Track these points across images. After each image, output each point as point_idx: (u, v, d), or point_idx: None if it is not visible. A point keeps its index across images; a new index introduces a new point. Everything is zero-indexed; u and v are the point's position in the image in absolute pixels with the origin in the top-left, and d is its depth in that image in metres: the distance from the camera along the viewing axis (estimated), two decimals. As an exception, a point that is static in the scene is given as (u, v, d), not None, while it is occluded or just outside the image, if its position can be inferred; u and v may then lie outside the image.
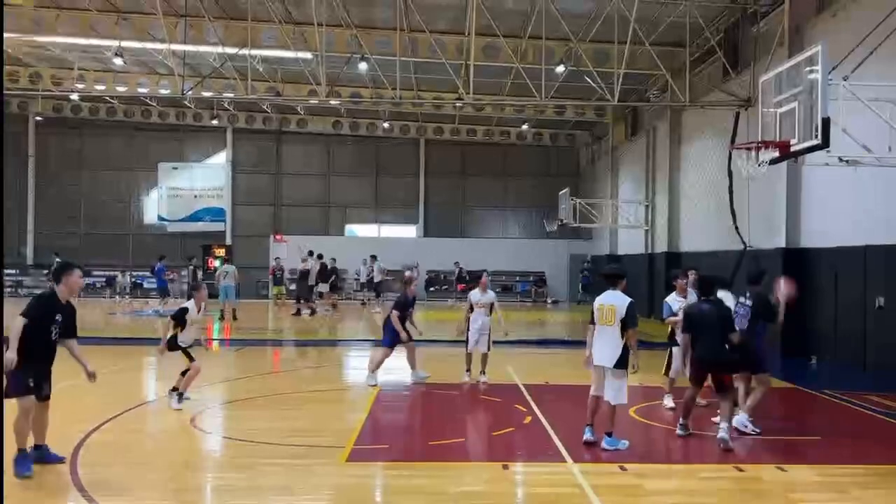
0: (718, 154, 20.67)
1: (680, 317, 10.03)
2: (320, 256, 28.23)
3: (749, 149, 12.43)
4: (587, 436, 8.56)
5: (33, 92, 30.43)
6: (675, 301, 10.88)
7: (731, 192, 18.89)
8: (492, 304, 13.02)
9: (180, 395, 10.44)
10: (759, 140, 12.08)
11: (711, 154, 21.63)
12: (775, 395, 12.64)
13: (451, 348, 15.37)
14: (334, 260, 29.38)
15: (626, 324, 8.47)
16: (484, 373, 12.83)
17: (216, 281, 24.33)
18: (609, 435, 8.45)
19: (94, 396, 11.16)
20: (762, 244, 17.91)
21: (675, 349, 11.01)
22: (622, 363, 8.47)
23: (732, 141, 18.12)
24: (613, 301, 8.61)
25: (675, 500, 6.83)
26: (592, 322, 8.76)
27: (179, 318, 10.58)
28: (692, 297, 10.41)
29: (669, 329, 11.18)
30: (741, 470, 7.73)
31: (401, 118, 37.21)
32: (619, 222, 30.13)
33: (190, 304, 10.76)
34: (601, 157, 35.17)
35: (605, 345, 8.52)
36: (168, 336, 10.63)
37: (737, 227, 18.80)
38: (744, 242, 18.59)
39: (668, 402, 11.21)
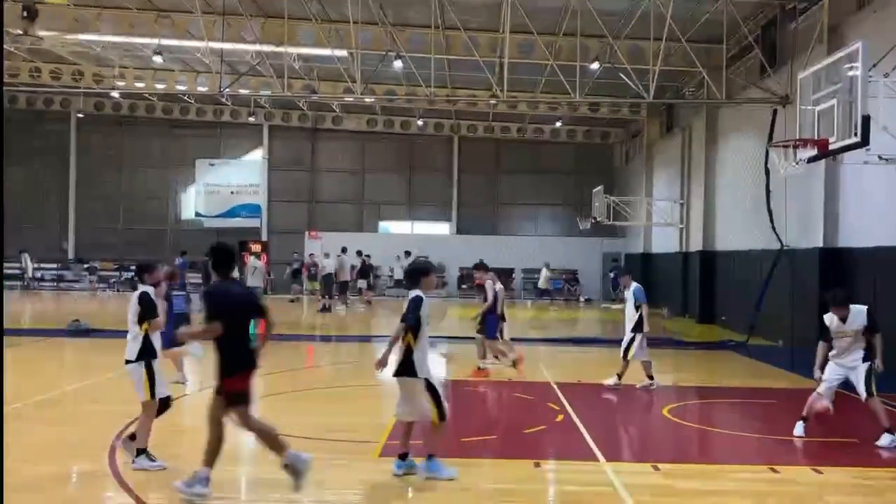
0: (755, 152, 20.42)
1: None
2: (344, 250, 28.48)
3: (787, 147, 12.34)
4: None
5: (76, 89, 31.01)
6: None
7: (767, 191, 18.65)
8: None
9: (141, 452, 7.43)
10: (797, 138, 11.97)
11: (748, 152, 21.38)
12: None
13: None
14: (369, 256, 29.61)
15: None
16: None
17: (245, 277, 24.57)
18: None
19: (133, 390, 11.40)
20: (799, 244, 17.68)
21: (638, 336, 12.18)
22: None
23: (770, 139, 17.90)
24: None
25: (708, 500, 6.80)
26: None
27: (147, 307, 7.95)
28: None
29: (638, 316, 12.24)
30: (776, 471, 7.66)
31: (435, 115, 37.29)
32: (653, 220, 29.90)
33: (148, 289, 8.26)
34: (635, 155, 34.93)
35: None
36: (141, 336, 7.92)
37: (773, 227, 18.58)
38: (781, 242, 18.37)
39: (611, 381, 12.28)
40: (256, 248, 35.64)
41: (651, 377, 12.46)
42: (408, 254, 30.19)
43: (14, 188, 36.78)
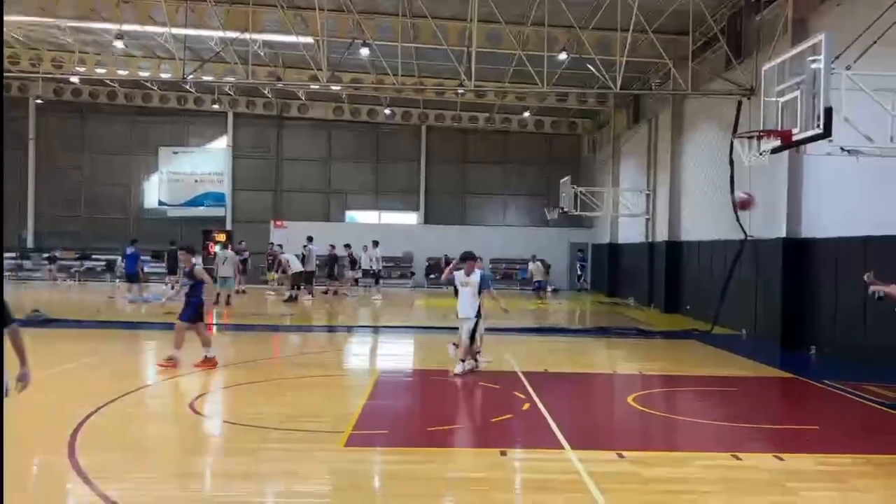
0: (720, 143, 20.62)
1: None
2: (310, 240, 28.37)
3: (751, 138, 12.41)
4: None
5: (34, 74, 30.29)
6: None
7: (732, 182, 18.85)
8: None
9: None
10: (761, 129, 12.06)
11: (713, 143, 21.59)
12: (775, 385, 12.70)
13: (450, 335, 15.37)
14: (333, 247, 29.46)
15: None
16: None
17: (215, 267, 24.24)
18: None
19: (93, 380, 11.23)
20: (763, 234, 17.90)
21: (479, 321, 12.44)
22: None
23: (734, 130, 18.05)
24: None
25: (673, 487, 6.84)
26: None
27: None
28: None
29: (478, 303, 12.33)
30: (739, 458, 7.74)
31: (402, 104, 37.12)
32: (619, 211, 30.09)
33: None
34: (602, 146, 35.11)
35: None
36: None
37: (738, 217, 18.78)
38: (744, 232, 18.58)
39: (459, 368, 12.19)
40: (221, 237, 35.27)
41: (475, 359, 12.56)
42: (375, 243, 30.05)
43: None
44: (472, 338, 12.38)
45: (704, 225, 22.28)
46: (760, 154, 12.20)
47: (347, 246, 29.86)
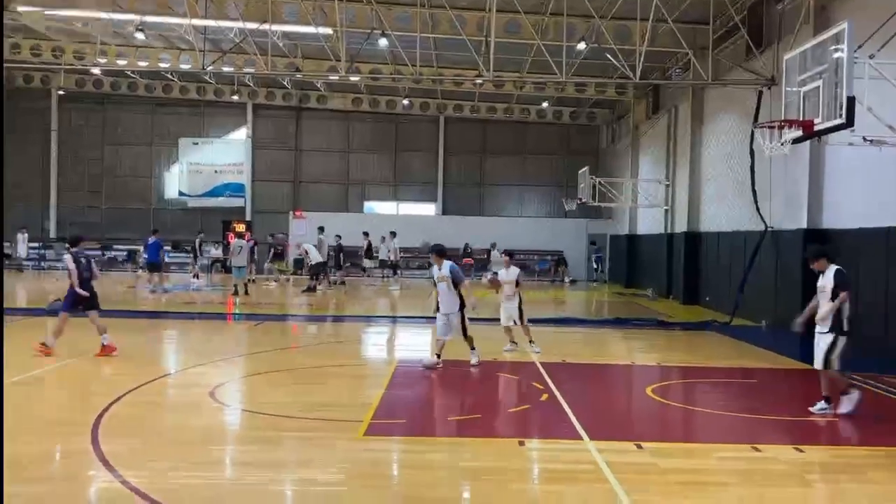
0: (740, 133, 20.47)
1: None
2: (321, 230, 28.59)
3: (772, 128, 12.31)
4: None
5: (56, 66, 30.58)
6: None
7: (752, 172, 18.72)
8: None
9: None
10: (783, 119, 11.96)
11: (733, 133, 21.43)
12: (794, 377, 12.62)
13: (475, 325, 15.39)
14: (339, 237, 29.66)
15: None
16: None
17: (230, 256, 24.37)
18: None
19: (115, 369, 11.36)
20: (784, 225, 17.76)
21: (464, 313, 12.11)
22: None
23: (755, 120, 17.92)
24: None
25: (691, 478, 6.84)
26: None
27: None
28: None
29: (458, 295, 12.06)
30: (758, 450, 7.71)
31: (421, 95, 37.10)
32: (638, 202, 29.96)
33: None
34: (622, 136, 34.94)
35: None
36: None
37: (758, 208, 18.65)
38: (765, 223, 18.45)
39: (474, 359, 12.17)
40: (240, 227, 35.46)
41: (438, 356, 12.03)
42: (393, 234, 30.13)
43: (-6, 166, 36.39)
44: (465, 333, 12.12)
45: (724, 216, 22.14)
46: (781, 144, 12.11)
47: (366, 234, 29.96)
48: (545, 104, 36.29)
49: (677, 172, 26.62)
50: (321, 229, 28.87)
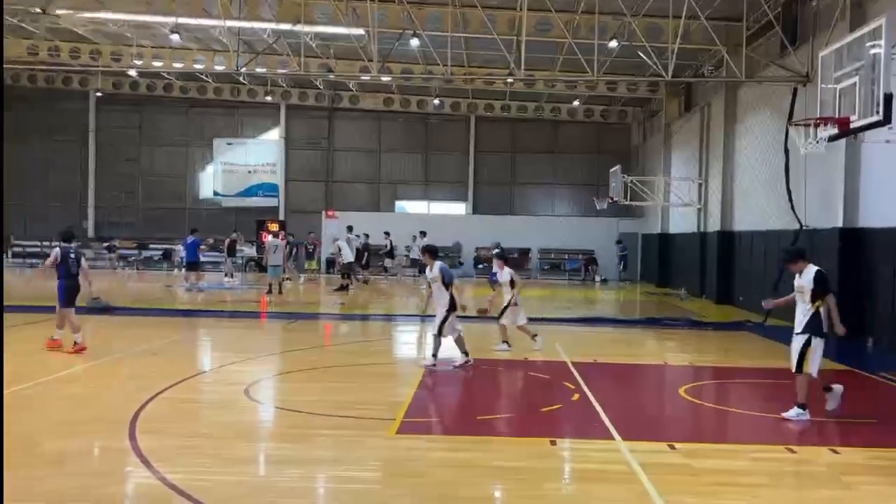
0: (775, 131, 20.23)
1: None
2: (350, 229, 28.81)
3: (807, 125, 12.20)
4: None
5: (94, 68, 31.10)
6: None
7: (787, 171, 18.49)
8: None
9: None
10: (818, 117, 11.83)
11: (767, 131, 21.17)
12: (830, 378, 12.45)
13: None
14: (367, 236, 29.90)
15: None
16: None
17: (265, 255, 24.60)
18: None
19: (152, 366, 11.54)
20: (819, 224, 17.52)
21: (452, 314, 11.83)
22: None
23: (790, 118, 17.70)
24: None
25: (725, 479, 6.79)
26: None
27: None
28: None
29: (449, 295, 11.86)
30: (793, 451, 7.64)
31: (451, 95, 37.16)
32: (671, 200, 29.72)
33: None
34: (653, 134, 34.68)
35: None
36: None
37: (792, 207, 18.43)
38: (799, 222, 18.22)
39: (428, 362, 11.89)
40: (274, 227, 35.79)
41: (466, 353, 11.96)
42: (423, 234, 30.22)
43: (34, 167, 37.26)
44: (441, 332, 11.77)
45: (758, 214, 21.88)
46: (817, 142, 12.00)
47: (387, 234, 30.02)
48: (576, 103, 36.13)
49: (710, 170, 26.37)
50: (350, 228, 29.07)
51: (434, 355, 11.83)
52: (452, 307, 11.82)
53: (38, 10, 23.37)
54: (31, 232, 36.33)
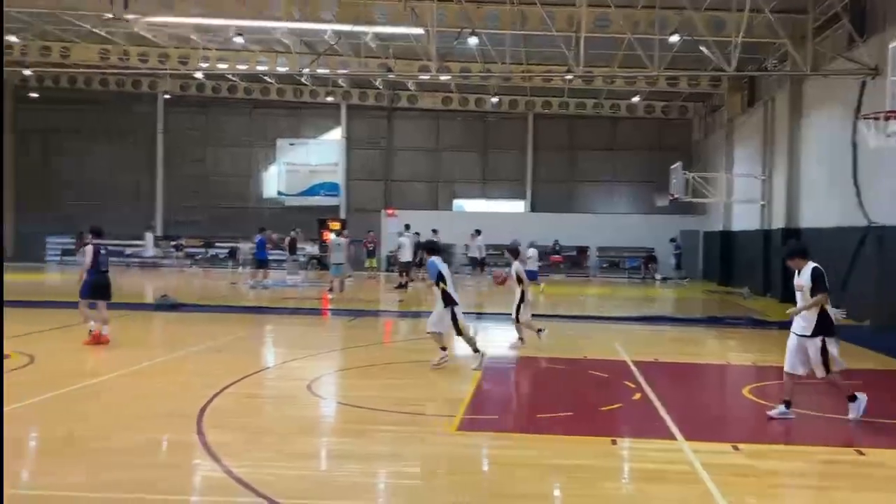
0: (842, 125, 19.70)
1: None
2: (407, 227, 28.93)
3: (877, 119, 11.87)
4: None
5: (162, 71, 31.96)
6: None
7: (854, 166, 18.01)
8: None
9: None
10: (888, 110, 11.51)
11: (834, 125, 20.63)
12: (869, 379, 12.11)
13: (565, 323, 15.36)
14: (418, 234, 29.95)
15: None
16: None
17: (328, 253, 24.92)
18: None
19: (217, 362, 11.85)
20: (888, 220, 17.02)
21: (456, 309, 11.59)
22: None
23: (857, 111, 17.24)
24: None
25: (792, 481, 6.69)
26: None
27: None
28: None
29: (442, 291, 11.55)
30: (862, 454, 7.48)
31: (509, 93, 37.11)
32: (733, 197, 29.15)
33: None
34: (715, 130, 34.06)
35: None
36: None
37: (861, 203, 17.93)
38: (868, 218, 17.72)
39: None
40: (335, 225, 36.25)
41: (444, 348, 11.70)
42: (478, 232, 30.21)
43: (106, 167, 38.58)
44: (459, 331, 11.65)
45: (824, 211, 21.33)
46: (887, 136, 11.67)
47: (434, 231, 29.94)
48: (636, 98, 35.70)
49: (774, 166, 25.80)
50: (407, 227, 29.24)
51: (476, 351, 11.67)
52: (448, 303, 11.55)
53: (108, 16, 24.08)
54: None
